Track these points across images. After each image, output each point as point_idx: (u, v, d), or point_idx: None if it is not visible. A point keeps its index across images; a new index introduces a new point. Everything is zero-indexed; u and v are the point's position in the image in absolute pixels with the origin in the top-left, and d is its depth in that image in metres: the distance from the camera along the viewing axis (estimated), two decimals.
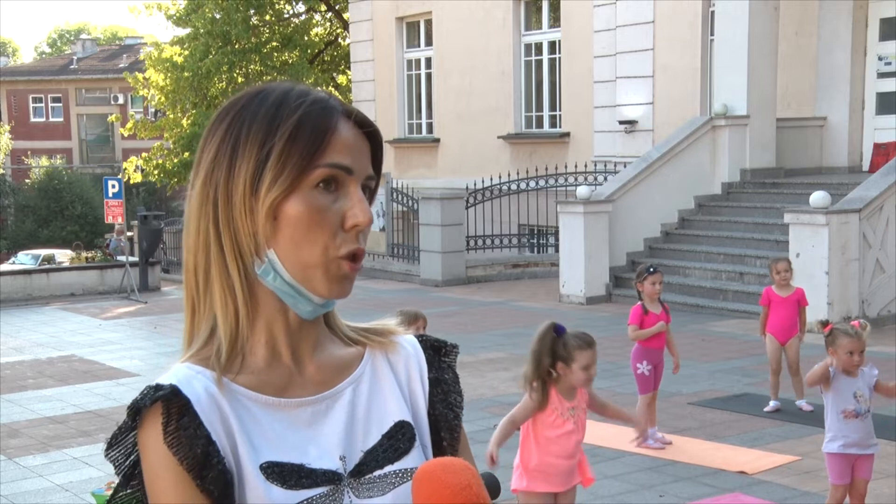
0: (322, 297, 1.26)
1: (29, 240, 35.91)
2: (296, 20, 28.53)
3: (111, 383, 9.28)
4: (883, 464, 6.10)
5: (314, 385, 1.30)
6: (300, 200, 1.23)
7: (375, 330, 1.40)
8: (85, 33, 63.28)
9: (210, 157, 1.28)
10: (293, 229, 1.23)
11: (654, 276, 6.54)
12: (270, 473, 1.22)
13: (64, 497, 6.09)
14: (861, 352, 4.68)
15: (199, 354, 1.27)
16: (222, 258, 1.26)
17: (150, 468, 1.21)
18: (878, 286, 10.70)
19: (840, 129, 14.31)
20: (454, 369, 1.41)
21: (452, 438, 1.37)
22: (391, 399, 1.34)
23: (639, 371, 6.59)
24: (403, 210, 16.95)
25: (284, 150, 1.23)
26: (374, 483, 1.28)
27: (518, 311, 12.61)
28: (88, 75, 47.78)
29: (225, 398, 1.23)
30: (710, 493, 5.74)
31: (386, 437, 1.30)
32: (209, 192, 1.27)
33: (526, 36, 18.60)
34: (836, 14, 14.05)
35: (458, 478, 1.15)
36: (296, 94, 1.27)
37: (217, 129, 1.28)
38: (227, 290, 1.27)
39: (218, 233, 1.26)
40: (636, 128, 16.26)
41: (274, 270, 1.25)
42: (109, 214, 16.19)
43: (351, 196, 1.25)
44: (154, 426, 1.20)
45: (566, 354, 4.09)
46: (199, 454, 1.19)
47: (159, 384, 1.22)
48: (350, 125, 1.27)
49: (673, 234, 13.54)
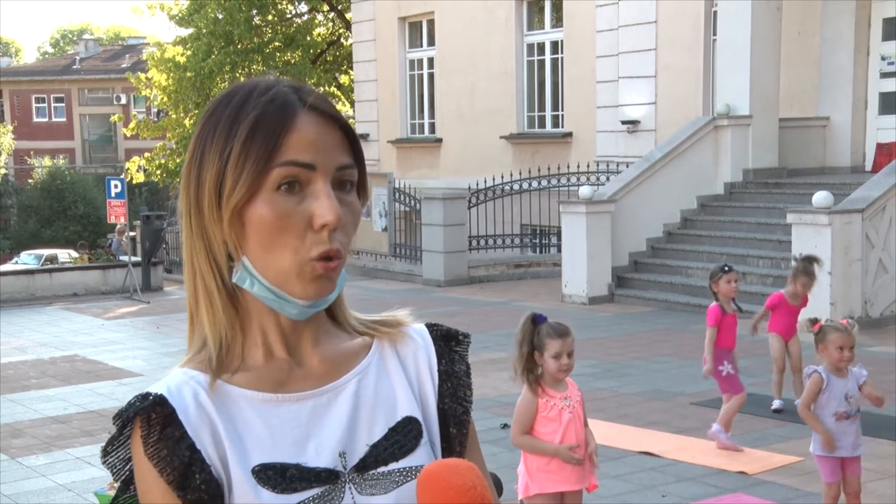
0: (300, 299, 1.23)
1: (32, 240, 35.92)
2: (298, 20, 28.55)
3: (114, 383, 9.29)
4: (883, 464, 6.11)
5: (316, 378, 1.27)
6: (263, 204, 1.19)
7: (384, 321, 1.37)
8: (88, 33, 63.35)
9: (185, 167, 1.27)
10: (259, 234, 1.20)
11: (729, 274, 6.36)
12: (262, 477, 1.20)
13: (67, 497, 6.09)
14: (850, 348, 4.68)
15: (197, 358, 1.26)
16: (200, 268, 1.25)
17: (139, 478, 1.22)
18: (880, 286, 10.70)
19: (843, 129, 14.30)
20: (466, 360, 1.38)
21: (460, 433, 1.34)
22: (399, 391, 1.31)
23: (724, 373, 6.45)
24: (406, 210, 16.94)
25: (241, 153, 1.20)
26: (377, 480, 1.25)
27: (520, 311, 12.49)
28: (91, 75, 47.83)
29: (216, 403, 1.22)
30: (712, 494, 5.74)
31: (392, 431, 1.28)
32: (186, 202, 1.26)
33: (528, 36, 18.60)
34: (838, 14, 14.04)
35: (462, 479, 1.15)
36: (258, 92, 1.23)
37: (193, 137, 1.27)
38: (210, 300, 1.26)
39: (194, 242, 1.25)
40: (638, 128, 16.26)
41: (251, 276, 1.23)
42: (112, 214, 16.20)
43: (317, 194, 1.20)
44: (139, 437, 1.20)
45: (539, 343, 4.17)
46: (181, 465, 1.18)
47: (147, 393, 1.22)
48: (314, 118, 1.22)
49: (675, 234, 13.53)
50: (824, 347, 4.71)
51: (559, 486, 4.22)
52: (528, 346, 4.19)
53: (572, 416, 4.22)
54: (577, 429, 4.22)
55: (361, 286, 15.19)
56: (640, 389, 8.19)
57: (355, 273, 16.70)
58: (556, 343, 4.16)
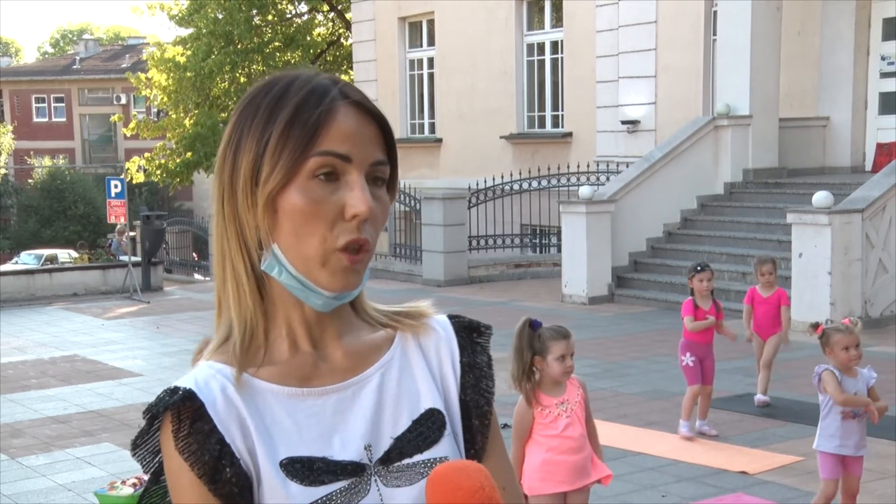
0: (325, 290, 1.24)
1: (32, 240, 35.94)
2: (298, 20, 28.56)
3: (114, 383, 9.29)
4: (883, 464, 6.11)
5: (341, 372, 1.28)
6: (297, 191, 1.21)
7: (407, 312, 1.37)
8: (87, 33, 63.35)
9: (220, 152, 1.28)
10: (292, 221, 1.22)
11: (703, 273, 6.79)
12: (290, 470, 1.22)
13: (67, 497, 6.09)
14: (856, 346, 4.67)
15: (222, 349, 1.27)
16: (230, 252, 1.26)
17: (169, 471, 1.23)
18: (880, 286, 10.70)
19: (843, 129, 14.31)
20: (488, 351, 1.39)
21: (482, 425, 1.35)
22: (422, 384, 1.32)
23: (684, 363, 6.74)
24: (406, 210, 16.94)
25: (280, 141, 1.21)
26: (402, 472, 1.26)
27: (520, 311, 12.59)
28: (91, 75, 47.82)
29: (244, 396, 1.23)
30: (712, 494, 5.74)
31: (416, 423, 1.29)
32: (219, 187, 1.27)
33: (528, 36, 18.60)
34: (838, 14, 14.04)
35: (470, 480, 1.16)
36: (299, 82, 1.25)
37: (230, 123, 1.28)
38: (237, 285, 1.27)
39: (225, 227, 1.26)
40: (638, 128, 16.26)
41: (279, 264, 1.24)
42: (112, 214, 16.19)
43: (351, 185, 1.22)
44: (168, 431, 1.21)
45: (541, 347, 4.15)
46: (211, 459, 1.19)
47: (176, 387, 1.22)
48: (353, 112, 1.24)
49: (675, 235, 13.53)
50: (830, 350, 4.70)
51: (557, 486, 4.21)
52: (531, 352, 4.17)
53: (570, 420, 4.21)
54: (574, 434, 4.21)
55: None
56: (640, 389, 8.19)
57: None
58: (560, 345, 4.15)
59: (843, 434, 4.76)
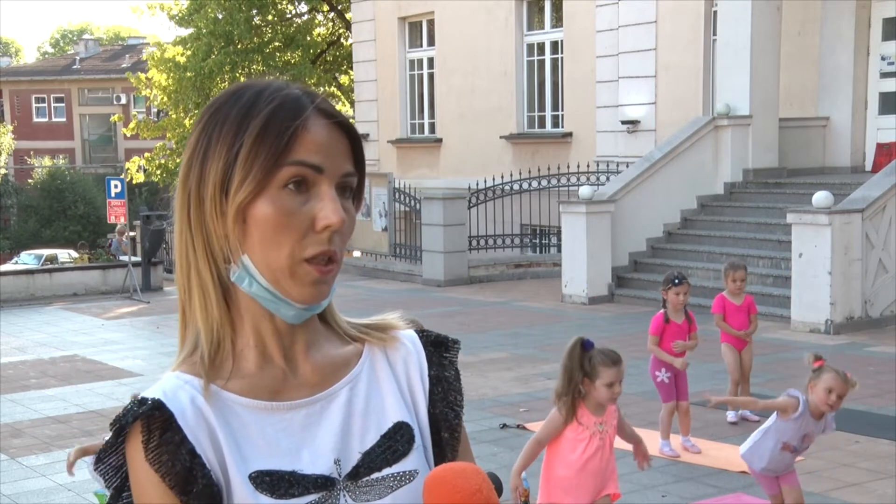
0: (296, 301, 1.23)
1: (32, 240, 35.92)
2: (298, 20, 28.55)
3: (114, 383, 9.29)
4: (883, 464, 6.11)
5: (309, 387, 1.27)
6: (268, 202, 1.19)
7: (375, 325, 1.37)
8: (87, 33, 63.35)
9: (186, 159, 1.26)
10: (261, 232, 1.20)
11: (679, 287, 6.35)
12: (260, 483, 1.20)
13: (66, 497, 6.09)
14: (839, 396, 4.46)
15: (189, 360, 1.26)
16: (196, 262, 1.25)
17: (136, 483, 1.21)
18: (880, 286, 10.70)
19: (843, 129, 14.31)
20: (456, 366, 1.38)
21: (452, 438, 1.34)
22: (390, 398, 1.31)
23: (658, 379, 6.47)
24: (406, 210, 16.94)
25: (252, 150, 1.19)
26: (371, 486, 1.25)
27: (520, 311, 12.60)
28: (91, 75, 47.82)
29: (213, 408, 1.22)
30: (712, 494, 5.74)
31: (385, 437, 1.28)
32: (184, 196, 1.25)
33: (528, 36, 18.60)
34: (838, 14, 14.04)
35: (468, 482, 1.16)
36: (269, 91, 1.23)
37: (195, 131, 1.26)
38: (204, 295, 1.25)
39: (191, 236, 1.24)
40: (638, 128, 16.26)
41: (249, 276, 1.22)
42: (112, 214, 16.19)
43: (322, 196, 1.21)
44: (137, 442, 1.19)
45: (591, 370, 4.09)
46: (182, 470, 1.18)
47: (143, 398, 1.21)
48: (324, 122, 1.23)
49: (675, 235, 13.53)
50: (814, 385, 4.51)
51: (576, 499, 4.20)
52: (581, 374, 4.09)
53: (601, 444, 4.19)
54: (602, 456, 4.19)
55: (361, 286, 15.19)
56: (640, 389, 8.18)
57: (355, 273, 16.70)
58: (610, 371, 4.09)
59: (773, 459, 4.66)
